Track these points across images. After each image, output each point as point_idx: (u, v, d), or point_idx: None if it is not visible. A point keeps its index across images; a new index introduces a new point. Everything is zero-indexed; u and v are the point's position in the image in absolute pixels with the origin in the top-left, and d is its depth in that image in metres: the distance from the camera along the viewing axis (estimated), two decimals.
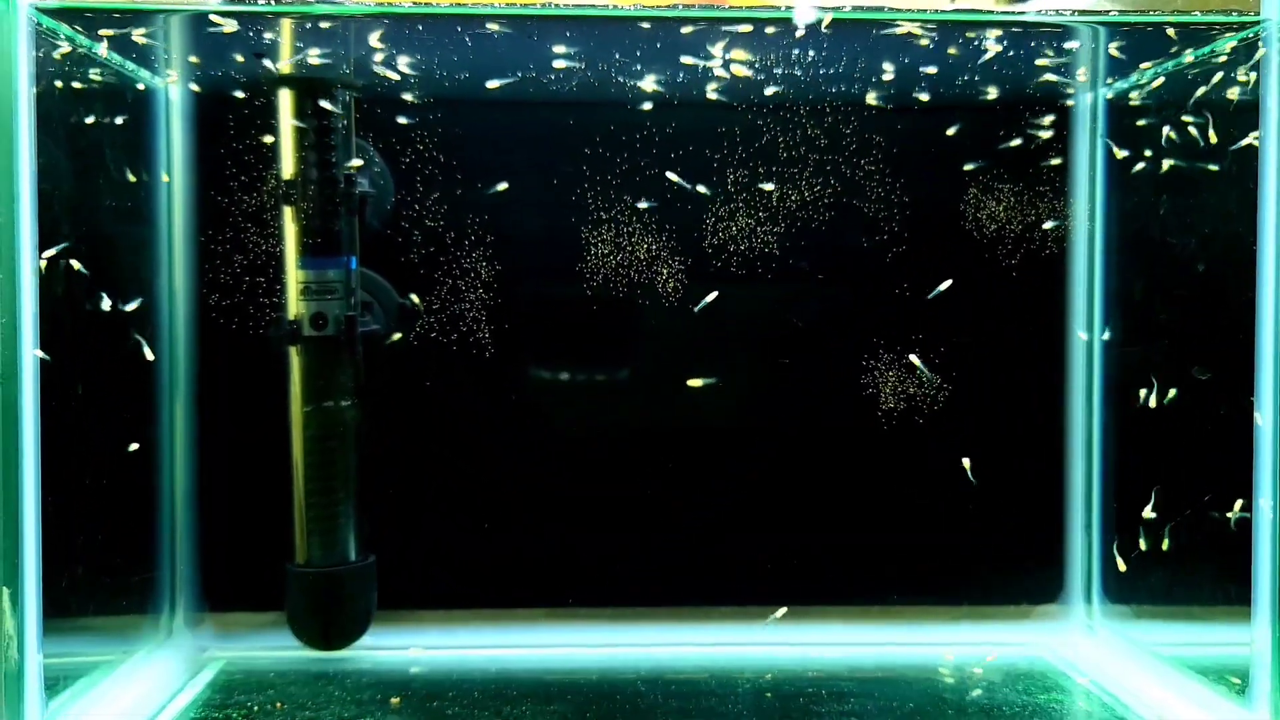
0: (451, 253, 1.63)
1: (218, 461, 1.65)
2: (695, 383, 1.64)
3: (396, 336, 1.62)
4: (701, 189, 1.62)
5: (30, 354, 1.21)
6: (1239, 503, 1.33)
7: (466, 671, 1.58)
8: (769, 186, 1.64)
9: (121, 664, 1.49)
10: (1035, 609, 1.71)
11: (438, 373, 1.65)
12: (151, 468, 1.59)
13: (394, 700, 1.46)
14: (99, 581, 1.43)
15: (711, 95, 1.60)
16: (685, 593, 1.71)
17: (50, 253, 1.25)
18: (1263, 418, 1.29)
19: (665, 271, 1.65)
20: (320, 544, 1.57)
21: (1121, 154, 1.61)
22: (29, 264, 1.21)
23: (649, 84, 1.56)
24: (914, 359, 1.63)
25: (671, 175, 1.61)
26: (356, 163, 1.56)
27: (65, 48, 1.33)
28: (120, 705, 1.42)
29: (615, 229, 1.64)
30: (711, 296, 1.62)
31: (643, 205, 1.63)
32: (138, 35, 1.40)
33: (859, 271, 1.68)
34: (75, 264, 1.33)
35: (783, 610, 1.65)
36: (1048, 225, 1.66)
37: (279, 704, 1.45)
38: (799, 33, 1.36)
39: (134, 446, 1.53)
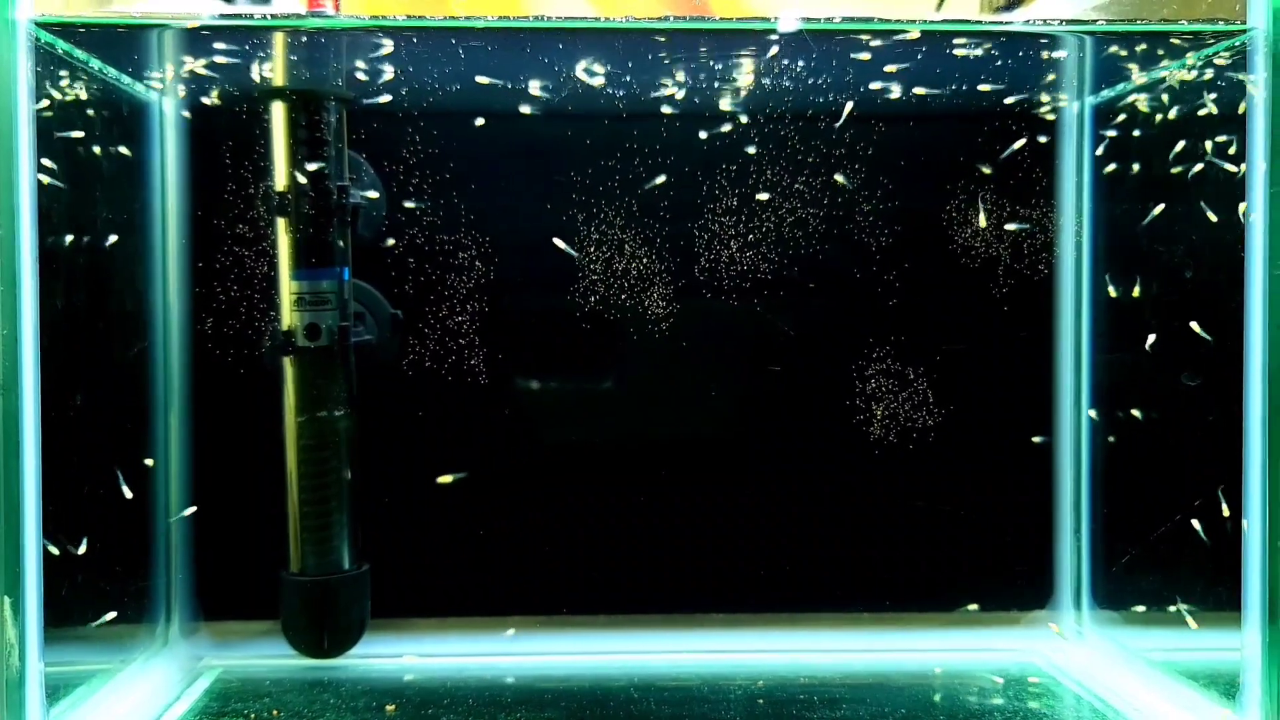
0: (444, 264, 1.65)
1: (213, 471, 1.66)
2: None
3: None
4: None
5: (30, 366, 1.21)
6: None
7: (460, 679, 1.58)
8: (763, 196, 1.65)
9: (118, 672, 1.49)
10: (1025, 615, 1.72)
11: (432, 384, 1.65)
12: (147, 478, 1.60)
13: (389, 707, 1.47)
14: (97, 591, 1.44)
15: (688, 107, 1.62)
16: (678, 600, 1.71)
17: None
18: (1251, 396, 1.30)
19: (652, 285, 1.66)
20: (314, 552, 1.58)
21: (1110, 166, 1.62)
22: (29, 276, 1.21)
23: (637, 96, 1.58)
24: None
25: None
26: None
27: (63, 61, 1.34)
28: (118, 713, 1.43)
29: (608, 241, 1.65)
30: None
31: (636, 216, 1.64)
32: (137, 53, 1.41)
33: (849, 283, 1.68)
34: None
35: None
36: (1034, 233, 1.67)
37: (275, 711, 1.45)
38: (782, 42, 1.37)
39: (149, 462, 1.56)
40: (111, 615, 1.47)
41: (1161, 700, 1.47)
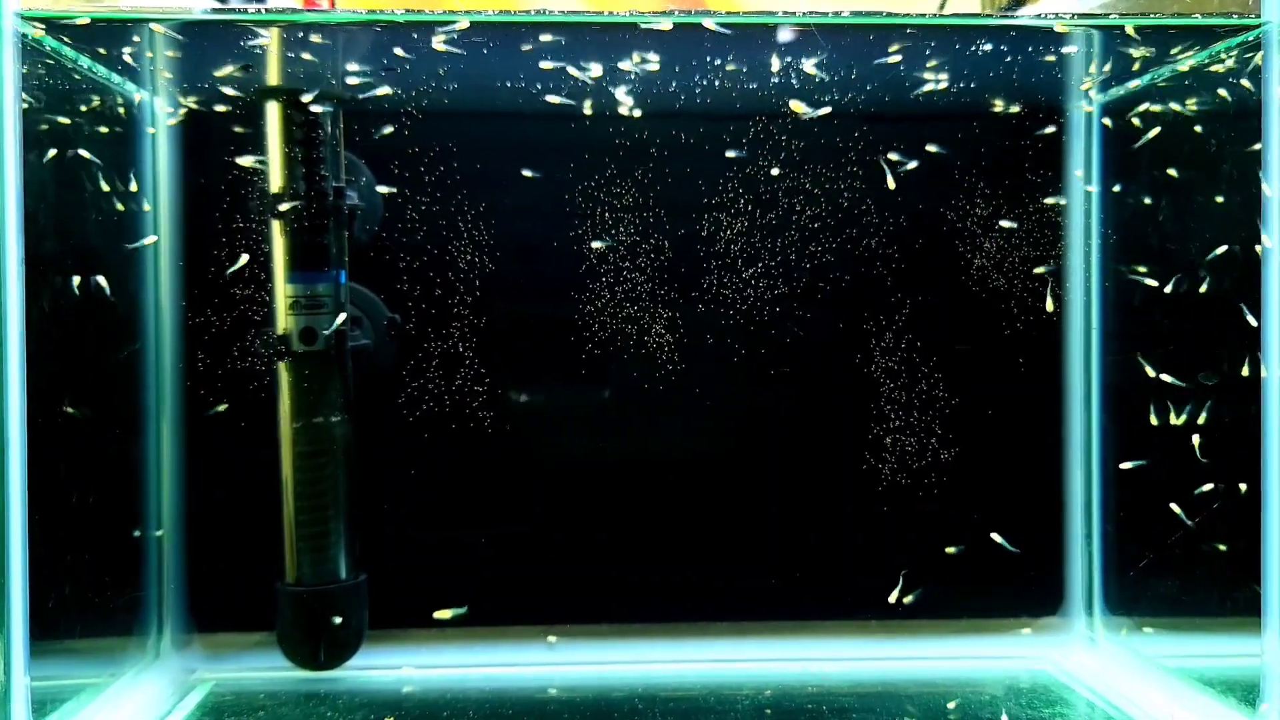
0: (439, 268, 1.63)
1: (206, 479, 1.63)
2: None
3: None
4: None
5: (16, 372, 1.19)
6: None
7: (460, 691, 1.56)
8: (767, 197, 1.64)
9: (108, 686, 1.46)
10: (1036, 621, 1.70)
11: (430, 391, 1.63)
12: (138, 486, 1.57)
13: None
14: (86, 602, 1.41)
15: (685, 105, 1.60)
16: (683, 609, 1.69)
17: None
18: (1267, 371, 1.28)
19: (650, 297, 1.64)
20: (311, 562, 1.55)
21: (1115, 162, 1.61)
22: (15, 278, 1.19)
23: (628, 95, 1.56)
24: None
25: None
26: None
27: (50, 59, 1.31)
28: None
29: (607, 246, 1.63)
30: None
31: (635, 221, 1.63)
32: (128, 50, 1.39)
33: (853, 281, 1.67)
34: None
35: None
36: (1042, 231, 1.66)
37: None
38: (788, 39, 1.36)
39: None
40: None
41: (1177, 708, 1.45)
